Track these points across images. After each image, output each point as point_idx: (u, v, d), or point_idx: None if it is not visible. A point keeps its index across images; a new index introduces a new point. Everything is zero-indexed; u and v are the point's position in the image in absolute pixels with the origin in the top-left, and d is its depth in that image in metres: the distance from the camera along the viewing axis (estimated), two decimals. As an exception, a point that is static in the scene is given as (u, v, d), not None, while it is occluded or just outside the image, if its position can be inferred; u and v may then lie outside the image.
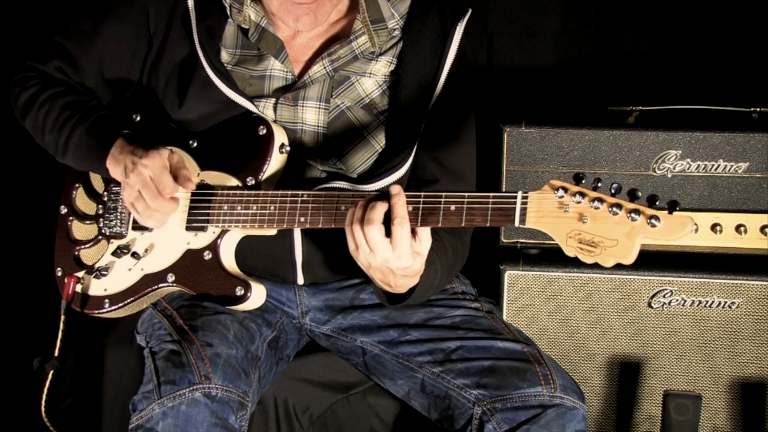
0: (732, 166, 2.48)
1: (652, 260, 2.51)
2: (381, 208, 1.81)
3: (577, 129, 2.53)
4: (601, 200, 1.68)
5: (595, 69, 3.23)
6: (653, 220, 1.63)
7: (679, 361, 2.52)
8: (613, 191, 1.68)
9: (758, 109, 2.61)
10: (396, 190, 1.83)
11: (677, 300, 2.50)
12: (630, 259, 1.66)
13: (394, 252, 1.80)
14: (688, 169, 2.49)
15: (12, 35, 3.08)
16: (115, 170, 2.10)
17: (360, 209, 1.83)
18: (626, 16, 3.21)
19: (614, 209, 1.67)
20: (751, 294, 2.47)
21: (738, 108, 2.61)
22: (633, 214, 1.65)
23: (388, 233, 1.80)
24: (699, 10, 3.14)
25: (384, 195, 1.84)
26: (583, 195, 1.70)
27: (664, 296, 2.50)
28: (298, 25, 2.09)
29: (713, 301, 2.49)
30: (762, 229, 2.48)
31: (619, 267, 2.44)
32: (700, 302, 2.49)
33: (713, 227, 2.48)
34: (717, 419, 2.53)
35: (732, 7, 3.12)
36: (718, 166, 2.48)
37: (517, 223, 1.76)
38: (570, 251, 1.71)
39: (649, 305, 2.51)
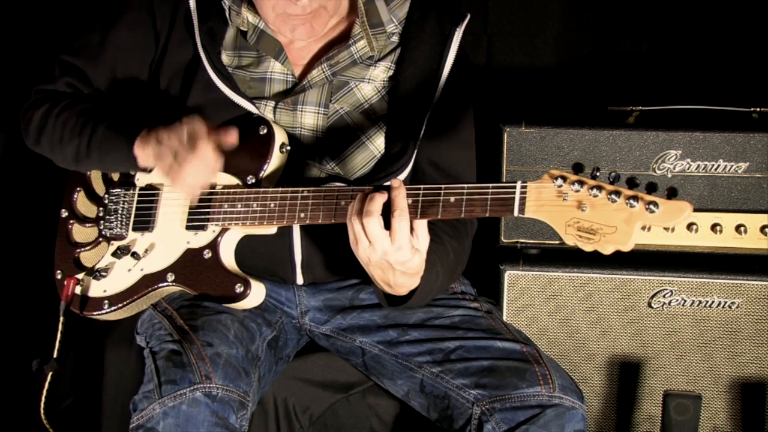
0: (732, 166, 2.48)
1: (652, 260, 2.51)
2: (380, 199, 1.82)
3: (577, 129, 2.53)
4: (599, 188, 1.68)
5: (595, 69, 3.22)
6: (651, 206, 1.63)
7: (679, 361, 2.52)
8: (611, 179, 1.69)
9: (758, 109, 2.60)
10: (397, 183, 1.84)
11: (677, 300, 2.50)
12: (629, 245, 1.66)
13: (393, 244, 1.80)
14: (688, 169, 2.49)
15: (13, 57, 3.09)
16: (144, 150, 2.01)
17: (359, 202, 1.84)
18: (626, 16, 3.21)
19: (613, 196, 1.66)
20: (751, 294, 2.47)
21: (738, 108, 2.61)
22: (631, 201, 1.65)
23: (388, 226, 1.81)
24: (699, 10, 3.14)
25: (384, 188, 1.85)
26: (581, 183, 1.69)
27: (664, 296, 2.50)
28: (295, 35, 2.10)
29: (713, 301, 2.49)
30: (762, 229, 2.48)
31: (619, 267, 2.51)
32: (700, 302, 2.49)
33: (713, 227, 2.48)
34: (717, 419, 2.53)
35: (732, 7, 3.12)
36: (718, 166, 2.48)
37: (516, 213, 1.75)
38: (569, 239, 1.71)
39: (649, 305, 2.51)
